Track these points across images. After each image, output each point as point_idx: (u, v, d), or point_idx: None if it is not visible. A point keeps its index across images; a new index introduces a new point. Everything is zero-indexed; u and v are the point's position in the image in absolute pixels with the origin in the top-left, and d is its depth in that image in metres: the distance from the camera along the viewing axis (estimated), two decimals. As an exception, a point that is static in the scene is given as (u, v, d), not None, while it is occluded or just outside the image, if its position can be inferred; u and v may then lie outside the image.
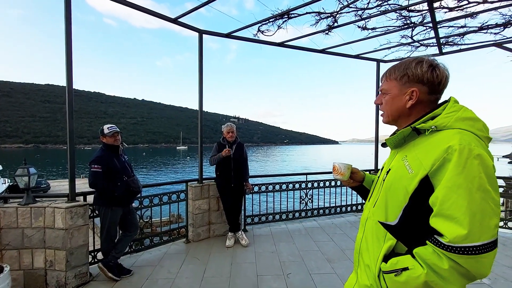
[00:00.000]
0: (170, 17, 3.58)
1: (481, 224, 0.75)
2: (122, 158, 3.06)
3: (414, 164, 0.89)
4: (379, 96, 1.08)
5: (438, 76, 0.93)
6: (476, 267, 0.76)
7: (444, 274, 0.78)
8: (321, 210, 5.18)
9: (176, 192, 3.98)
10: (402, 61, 1.00)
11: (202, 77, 4.02)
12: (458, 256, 0.75)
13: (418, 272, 0.81)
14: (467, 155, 0.78)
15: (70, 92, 2.84)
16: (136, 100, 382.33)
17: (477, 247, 0.74)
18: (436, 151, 0.83)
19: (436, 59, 0.96)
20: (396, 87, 0.99)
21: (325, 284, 2.81)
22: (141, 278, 2.96)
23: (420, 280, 0.80)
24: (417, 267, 0.81)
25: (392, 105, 1.02)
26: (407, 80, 0.96)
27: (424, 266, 0.80)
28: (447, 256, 0.77)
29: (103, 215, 2.93)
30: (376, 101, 1.10)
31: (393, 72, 1.00)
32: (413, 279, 0.81)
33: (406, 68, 0.96)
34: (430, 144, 0.87)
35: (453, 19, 3.48)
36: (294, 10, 3.55)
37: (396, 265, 0.87)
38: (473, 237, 0.74)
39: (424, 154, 0.87)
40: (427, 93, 0.95)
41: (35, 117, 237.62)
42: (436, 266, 0.78)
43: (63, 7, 2.77)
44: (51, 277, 2.76)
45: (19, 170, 2.84)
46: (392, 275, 0.87)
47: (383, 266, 0.91)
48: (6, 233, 2.72)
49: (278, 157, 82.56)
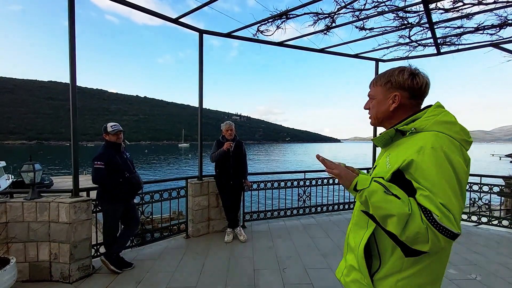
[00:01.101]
0: (171, 17, 3.65)
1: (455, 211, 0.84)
2: (124, 155, 3.16)
3: (392, 161, 1.00)
4: (367, 101, 1.19)
5: (418, 83, 1.04)
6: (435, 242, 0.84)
7: (413, 227, 0.85)
8: (319, 208, 5.26)
9: (176, 188, 4.07)
10: (387, 70, 1.12)
11: (202, 76, 4.09)
12: (435, 231, 0.82)
13: (405, 208, 0.86)
14: (436, 154, 0.88)
15: (73, 88, 2.91)
16: (138, 97, 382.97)
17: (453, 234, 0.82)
18: (410, 150, 0.93)
19: (418, 68, 1.07)
20: (381, 93, 1.11)
21: (319, 278, 2.90)
22: (142, 271, 3.07)
23: (397, 211, 0.86)
24: (406, 205, 0.86)
25: (378, 109, 1.13)
26: (390, 86, 1.08)
27: (410, 210, 0.86)
28: (428, 226, 0.83)
29: (105, 210, 3.03)
30: (365, 106, 1.21)
31: (378, 79, 1.12)
32: (395, 207, 0.86)
33: (390, 76, 1.08)
34: (409, 144, 0.98)
35: (449, 20, 3.53)
36: (293, 10, 3.60)
37: (392, 189, 0.91)
38: (453, 220, 0.82)
39: (401, 152, 0.98)
40: (408, 98, 1.06)
41: (38, 113, 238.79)
42: (416, 219, 0.85)
43: (65, 3, 2.84)
44: (55, 269, 2.87)
45: (25, 166, 2.95)
46: (382, 188, 0.91)
47: (378, 178, 0.96)
48: (13, 226, 2.83)
49: (279, 156, 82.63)
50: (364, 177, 1.00)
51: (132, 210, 3.24)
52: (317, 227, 4.58)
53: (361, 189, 0.96)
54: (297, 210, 5.07)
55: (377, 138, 1.12)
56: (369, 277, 1.03)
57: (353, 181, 1.00)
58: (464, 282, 2.84)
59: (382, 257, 1.01)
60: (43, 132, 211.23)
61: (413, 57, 4.97)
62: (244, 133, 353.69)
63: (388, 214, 0.88)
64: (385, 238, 0.99)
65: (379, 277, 1.01)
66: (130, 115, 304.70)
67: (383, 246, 1.01)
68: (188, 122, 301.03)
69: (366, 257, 1.04)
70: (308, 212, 5.18)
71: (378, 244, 1.02)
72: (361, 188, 0.96)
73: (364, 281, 1.06)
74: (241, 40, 4.34)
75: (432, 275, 0.98)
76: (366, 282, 1.05)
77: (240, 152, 4.03)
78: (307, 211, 5.16)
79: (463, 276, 2.97)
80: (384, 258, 1.01)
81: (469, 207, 4.80)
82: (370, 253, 1.05)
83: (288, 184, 4.98)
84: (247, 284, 2.80)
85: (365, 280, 1.05)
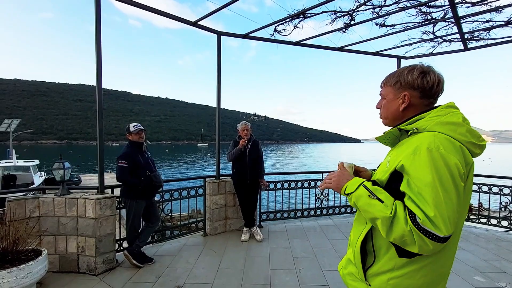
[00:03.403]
0: (190, 20, 3.75)
1: (443, 214, 0.82)
2: (146, 154, 3.30)
3: (392, 160, 1.00)
4: (379, 101, 1.18)
5: (428, 82, 1.01)
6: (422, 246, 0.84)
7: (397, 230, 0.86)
8: (337, 209, 5.17)
9: (194, 187, 4.18)
10: (398, 68, 1.12)
11: (220, 77, 4.16)
12: (420, 234, 0.82)
13: (386, 212, 0.88)
14: (430, 156, 0.86)
15: (99, 91, 3.07)
16: (159, 98, 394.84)
17: (439, 237, 0.81)
18: (408, 150, 0.93)
19: (431, 66, 1.04)
20: (391, 92, 1.10)
21: (336, 280, 2.86)
22: (162, 266, 3.18)
23: (379, 215, 0.89)
24: (388, 209, 0.88)
25: (388, 108, 1.12)
26: (400, 86, 1.07)
27: (393, 214, 0.87)
28: (412, 229, 0.84)
29: (128, 207, 3.17)
30: (377, 105, 1.20)
31: (388, 79, 1.11)
32: (377, 211, 0.90)
33: (399, 75, 1.07)
34: (409, 144, 0.97)
35: (477, 14, 3.34)
36: (310, 9, 3.57)
37: (378, 192, 0.94)
38: (438, 223, 0.81)
39: (400, 152, 0.98)
40: (419, 97, 1.04)
41: (68, 115, 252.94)
42: (399, 222, 0.86)
43: (92, 9, 3.01)
44: (82, 261, 3.05)
45: (55, 164, 3.17)
46: (367, 192, 0.95)
47: (366, 183, 0.99)
48: (45, 220, 3.04)
49: (296, 156, 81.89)
50: (354, 182, 1.02)
51: (153, 207, 3.38)
52: (334, 229, 4.51)
53: (349, 193, 1.01)
54: (314, 211, 5.02)
55: (381, 137, 1.13)
56: (363, 271, 1.06)
57: (343, 185, 1.04)
58: (492, 291, 2.68)
59: (377, 253, 1.03)
60: (73, 132, 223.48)
61: (438, 53, 4.74)
62: (262, 133, 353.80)
63: (373, 217, 0.92)
64: (380, 236, 1.00)
65: (372, 273, 1.04)
66: (152, 115, 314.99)
67: (378, 243, 1.03)
68: (207, 122, 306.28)
69: (362, 253, 1.06)
70: (326, 213, 5.11)
71: (374, 241, 1.04)
72: (349, 192, 1.01)
73: (358, 275, 1.11)
74: (258, 41, 4.37)
75: (427, 277, 0.96)
76: (359, 276, 1.09)
77: (256, 152, 4.06)
78: (325, 212, 5.09)
79: (491, 284, 2.81)
80: (378, 255, 1.03)
81: (499, 211, 4.51)
82: (366, 248, 1.07)
83: (305, 184, 4.94)
84: (263, 283, 2.82)
85: (359, 274, 1.09)
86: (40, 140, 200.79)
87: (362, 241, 1.06)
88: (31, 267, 2.43)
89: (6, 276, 2.28)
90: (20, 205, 2.93)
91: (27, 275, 2.39)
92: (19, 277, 2.33)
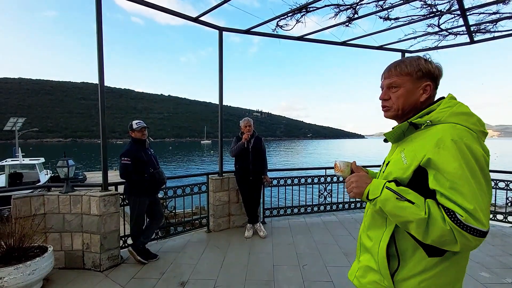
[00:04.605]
0: (191, 16, 3.73)
1: (481, 207, 0.79)
2: (149, 151, 3.30)
3: (409, 156, 0.95)
4: (385, 90, 1.07)
5: (441, 73, 1.00)
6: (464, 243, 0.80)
7: (435, 230, 0.82)
8: (341, 205, 5.15)
9: (198, 184, 4.18)
10: (406, 58, 1.04)
11: (222, 74, 4.14)
12: (462, 231, 0.78)
13: (420, 213, 0.83)
14: (456, 147, 0.83)
15: (102, 89, 3.08)
16: (162, 96, 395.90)
17: (482, 232, 0.78)
18: (429, 144, 0.89)
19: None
20: (410, 81, 1.00)
21: (340, 276, 2.86)
22: (166, 263, 3.20)
23: (413, 217, 0.83)
24: (421, 210, 0.83)
25: (406, 99, 1.02)
26: (422, 75, 0.99)
27: (427, 214, 0.83)
28: (453, 227, 0.80)
29: (132, 204, 3.19)
30: (383, 96, 1.08)
31: (404, 67, 1.01)
32: (410, 213, 0.84)
33: (418, 63, 1.00)
34: (425, 137, 0.93)
35: (483, 6, 3.26)
36: (313, 3, 3.52)
37: (405, 193, 0.88)
38: (479, 217, 0.78)
39: (418, 147, 0.93)
40: (434, 88, 1.01)
41: (72, 113, 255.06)
42: (436, 223, 0.81)
43: (94, 8, 2.99)
44: (87, 258, 3.08)
45: (59, 162, 3.19)
46: (393, 195, 0.88)
47: (389, 184, 0.92)
48: (50, 217, 3.07)
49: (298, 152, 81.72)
50: (376, 185, 0.95)
51: (156, 204, 3.39)
52: (338, 225, 4.50)
53: (373, 199, 0.94)
54: (317, 207, 5.01)
55: (390, 133, 1.05)
56: (391, 278, 0.98)
57: (364, 190, 0.97)
58: (498, 286, 2.66)
59: (402, 257, 0.97)
60: (77, 130, 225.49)
61: (443, 46, 4.66)
62: (265, 130, 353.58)
63: (405, 221, 0.86)
64: (405, 238, 0.95)
65: (401, 278, 0.96)
66: (155, 113, 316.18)
67: (403, 246, 0.96)
68: (210, 119, 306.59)
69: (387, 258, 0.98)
70: (329, 209, 5.09)
71: (398, 244, 0.98)
72: (373, 197, 0.94)
73: (383, 283, 1.00)
74: (261, 36, 4.33)
75: (456, 273, 0.93)
76: (386, 284, 0.99)
77: (259, 148, 4.04)
78: (328, 208, 5.07)
79: (497, 280, 2.78)
80: (404, 258, 0.96)
81: (506, 207, 4.45)
82: (389, 253, 1.00)
83: (308, 180, 4.92)
84: (267, 279, 2.82)
85: (385, 281, 0.99)
86: (45, 138, 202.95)
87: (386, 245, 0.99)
88: (38, 264, 2.46)
89: (13, 272, 2.31)
90: (26, 202, 2.96)
91: (34, 271, 2.42)
92: (25, 274, 2.36)
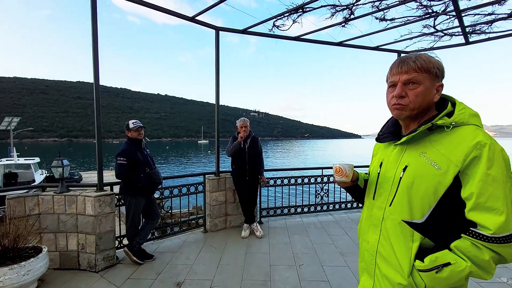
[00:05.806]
0: (187, 15, 3.71)
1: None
2: (145, 151, 3.28)
3: (440, 161, 0.88)
4: (402, 86, 0.96)
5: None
6: (510, 254, 0.81)
7: (484, 264, 0.82)
8: (337, 205, 5.17)
9: (194, 184, 4.17)
10: (419, 53, 0.97)
11: (219, 73, 4.13)
12: (499, 245, 0.79)
13: (462, 265, 0.82)
14: (494, 150, 0.83)
15: (97, 89, 3.07)
16: (159, 95, 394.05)
17: None
18: (464, 147, 0.85)
19: None
20: (428, 79, 0.94)
21: (336, 276, 2.87)
22: (162, 263, 3.19)
23: (464, 273, 0.83)
24: (459, 261, 0.83)
25: (425, 97, 0.94)
26: (437, 75, 0.95)
27: (467, 259, 0.83)
28: (486, 247, 0.81)
29: (128, 204, 3.17)
30: (399, 92, 0.96)
31: (423, 62, 0.93)
32: (457, 273, 0.83)
33: (434, 62, 0.94)
34: (454, 140, 0.89)
35: (478, 7, 3.29)
36: (309, 3, 3.53)
37: (436, 261, 0.85)
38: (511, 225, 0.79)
39: (450, 151, 0.88)
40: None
41: (68, 112, 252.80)
42: (477, 258, 0.82)
43: (89, 7, 2.95)
44: (83, 258, 3.05)
45: (54, 162, 3.16)
46: (432, 272, 0.85)
47: (419, 264, 0.89)
48: (44, 218, 3.04)
49: (296, 152, 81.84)
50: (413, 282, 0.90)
51: (152, 204, 3.37)
52: (335, 224, 4.52)
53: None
54: (314, 207, 5.02)
55: (413, 135, 0.95)
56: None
57: None
58: (493, 286, 2.69)
59: None
60: (73, 130, 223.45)
61: (439, 47, 4.70)
62: (263, 130, 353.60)
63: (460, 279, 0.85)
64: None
65: None
66: (152, 112, 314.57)
67: None
68: (207, 119, 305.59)
69: None
70: (326, 209, 5.11)
71: None
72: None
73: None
74: (258, 36, 4.33)
75: None
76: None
77: (256, 148, 4.04)
78: (325, 208, 5.09)
79: (492, 278, 2.79)
80: None
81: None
82: None
83: (305, 180, 4.93)
84: (263, 279, 2.82)
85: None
86: (40, 138, 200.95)
87: None
88: (32, 264, 2.44)
89: (8, 273, 2.29)
90: (20, 202, 2.93)
91: (28, 272, 2.40)
92: (20, 274, 2.34)
